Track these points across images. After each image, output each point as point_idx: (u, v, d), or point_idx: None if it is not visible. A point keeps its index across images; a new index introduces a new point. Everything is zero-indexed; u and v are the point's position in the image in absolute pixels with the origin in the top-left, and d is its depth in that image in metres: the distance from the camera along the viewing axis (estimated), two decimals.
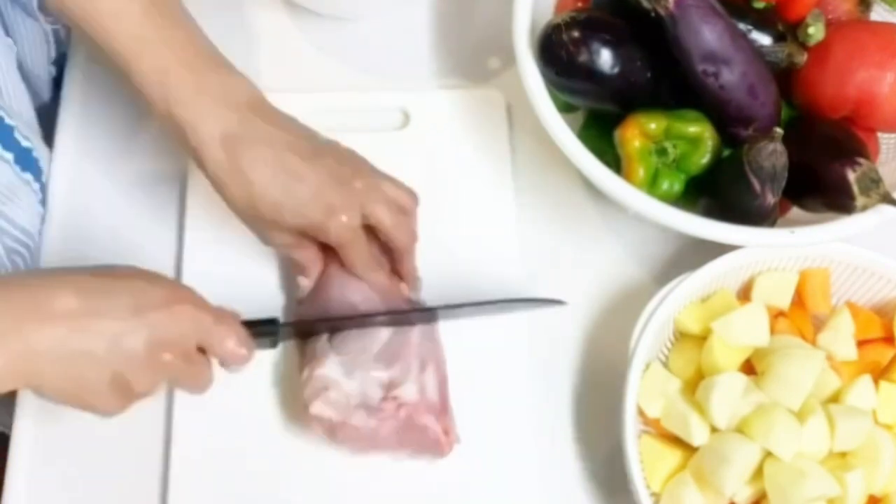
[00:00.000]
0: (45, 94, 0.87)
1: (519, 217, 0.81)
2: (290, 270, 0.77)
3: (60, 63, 0.86)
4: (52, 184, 0.81)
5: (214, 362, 0.65)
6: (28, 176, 0.75)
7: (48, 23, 0.71)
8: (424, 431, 0.70)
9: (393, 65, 0.88)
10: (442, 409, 0.71)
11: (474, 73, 0.87)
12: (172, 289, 0.64)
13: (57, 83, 0.87)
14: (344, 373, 0.70)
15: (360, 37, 0.89)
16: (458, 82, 0.87)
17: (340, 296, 0.73)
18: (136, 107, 0.83)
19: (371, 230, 0.71)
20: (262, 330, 0.68)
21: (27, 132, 0.76)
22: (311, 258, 0.73)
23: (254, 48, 0.88)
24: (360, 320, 0.72)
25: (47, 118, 0.85)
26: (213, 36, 0.75)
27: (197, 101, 0.66)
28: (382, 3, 0.90)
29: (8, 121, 0.72)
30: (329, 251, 0.73)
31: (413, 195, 0.73)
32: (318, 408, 0.69)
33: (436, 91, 0.86)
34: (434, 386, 0.71)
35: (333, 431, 0.70)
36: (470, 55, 0.88)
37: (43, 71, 0.84)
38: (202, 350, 0.64)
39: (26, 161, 0.75)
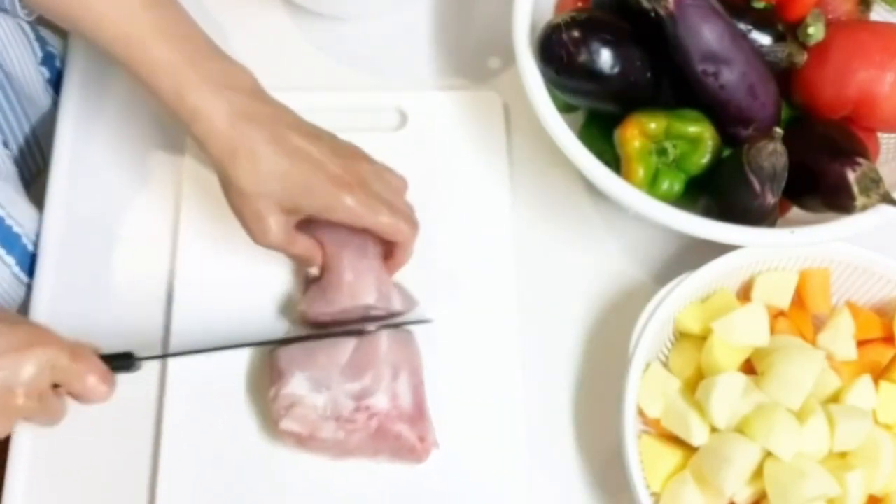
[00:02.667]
0: (41, 98, 0.86)
1: (518, 217, 0.81)
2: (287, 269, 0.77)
3: (51, 65, 0.86)
4: (51, 188, 0.81)
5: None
6: None
7: (24, 16, 0.70)
8: (398, 439, 0.70)
9: (393, 65, 0.88)
10: (417, 416, 0.71)
11: (474, 73, 0.87)
12: (26, 332, 0.64)
13: (53, 86, 0.86)
14: (311, 388, 0.70)
15: (361, 37, 0.89)
16: (459, 82, 0.87)
17: (348, 281, 0.73)
18: (135, 109, 0.84)
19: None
20: (119, 364, 0.68)
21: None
22: (309, 248, 0.73)
23: (253, 48, 0.88)
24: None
25: (49, 126, 0.85)
26: (213, 35, 0.75)
27: (203, 88, 0.67)
28: (382, 3, 0.90)
29: None
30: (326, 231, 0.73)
31: (402, 181, 0.75)
32: (286, 424, 0.70)
33: (433, 92, 0.86)
34: (408, 393, 0.71)
35: (303, 443, 0.70)
36: (470, 55, 0.88)
37: (31, 72, 0.84)
38: (57, 386, 0.64)
39: None
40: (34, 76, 0.84)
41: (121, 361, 0.68)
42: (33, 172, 0.86)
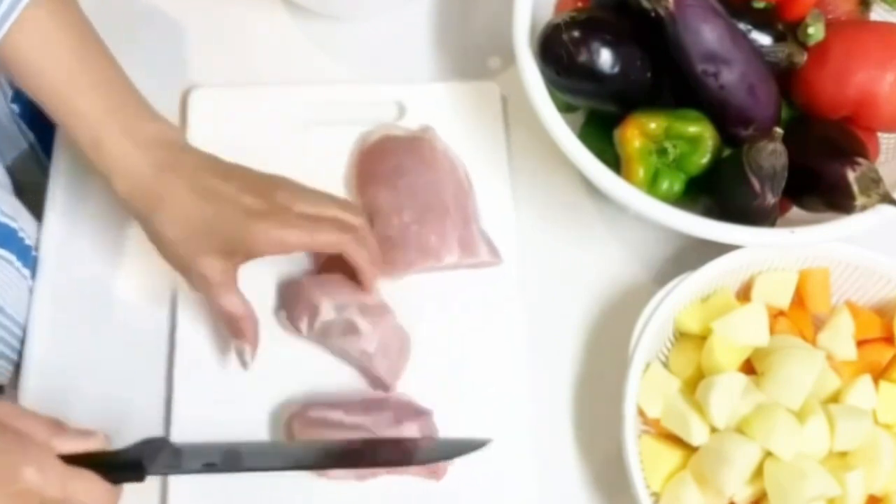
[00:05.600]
0: (14, 134, 0.85)
1: (518, 217, 0.81)
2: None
3: (21, 101, 0.85)
4: (45, 227, 0.80)
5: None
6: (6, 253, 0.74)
7: None
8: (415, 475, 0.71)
9: (393, 65, 0.88)
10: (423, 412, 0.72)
11: (474, 72, 0.87)
12: (10, 454, 0.58)
13: (27, 123, 0.86)
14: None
15: (360, 37, 0.89)
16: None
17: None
18: None
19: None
20: (126, 476, 0.63)
21: None
22: (240, 308, 0.71)
23: (253, 47, 0.88)
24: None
25: (26, 164, 0.85)
26: (214, 35, 0.75)
27: (123, 142, 0.68)
28: (382, 3, 0.90)
29: None
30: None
31: (355, 209, 0.74)
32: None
33: (431, 84, 0.86)
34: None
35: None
36: (470, 55, 0.88)
37: (2, 108, 0.84)
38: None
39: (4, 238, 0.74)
40: (4, 111, 0.84)
41: (129, 473, 0.63)
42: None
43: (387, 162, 0.80)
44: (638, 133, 0.73)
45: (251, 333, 0.72)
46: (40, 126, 0.87)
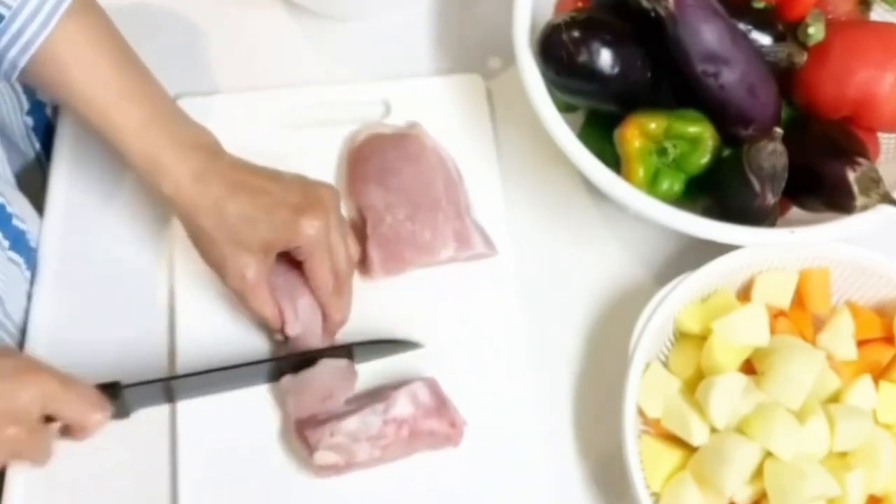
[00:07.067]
0: (23, 145, 0.86)
1: (517, 217, 0.81)
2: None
3: (37, 114, 0.86)
4: (45, 228, 0.80)
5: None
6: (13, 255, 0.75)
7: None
8: (433, 434, 0.71)
9: (393, 65, 0.88)
10: (440, 406, 0.71)
11: (474, 72, 0.87)
12: (17, 362, 0.65)
13: (38, 135, 0.86)
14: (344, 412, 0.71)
15: (361, 37, 0.89)
16: None
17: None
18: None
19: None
20: (108, 393, 0.68)
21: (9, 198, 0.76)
22: (270, 307, 0.72)
23: (253, 47, 0.88)
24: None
25: (31, 174, 0.85)
26: (211, 34, 0.75)
27: (170, 149, 0.70)
28: (382, 3, 0.90)
29: None
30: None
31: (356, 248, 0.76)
32: (321, 457, 0.69)
33: (414, 78, 0.86)
34: (424, 388, 0.72)
35: (341, 471, 0.70)
36: (470, 55, 0.88)
37: (16, 120, 0.84)
38: (47, 420, 0.64)
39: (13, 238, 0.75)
40: (16, 123, 0.84)
41: (108, 391, 0.68)
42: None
43: (376, 160, 0.80)
44: (638, 133, 0.74)
45: (277, 323, 0.74)
46: (45, 136, 0.87)
